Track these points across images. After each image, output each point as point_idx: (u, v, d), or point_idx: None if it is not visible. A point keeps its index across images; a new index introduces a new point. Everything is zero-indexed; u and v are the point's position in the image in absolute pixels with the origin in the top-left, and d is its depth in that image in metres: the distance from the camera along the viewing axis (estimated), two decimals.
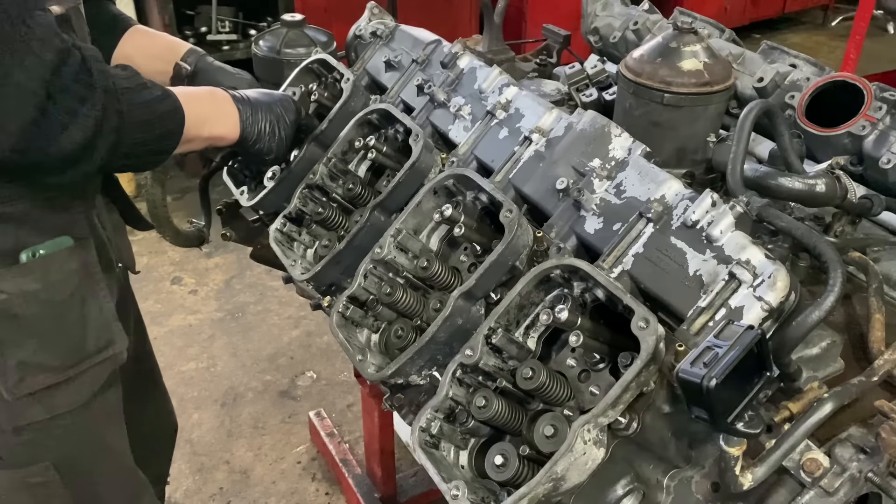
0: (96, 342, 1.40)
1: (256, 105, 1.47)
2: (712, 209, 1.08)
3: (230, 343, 3.63)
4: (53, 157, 1.12)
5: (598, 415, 0.96)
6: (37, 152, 1.10)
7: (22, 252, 1.27)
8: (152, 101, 1.24)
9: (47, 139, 1.10)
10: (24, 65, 1.04)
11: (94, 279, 1.41)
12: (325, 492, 2.89)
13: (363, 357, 1.28)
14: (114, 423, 1.56)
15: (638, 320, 0.97)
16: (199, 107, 1.36)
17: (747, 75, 1.66)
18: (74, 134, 1.11)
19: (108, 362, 1.44)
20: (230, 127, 1.43)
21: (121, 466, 1.61)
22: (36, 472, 1.41)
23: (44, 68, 1.06)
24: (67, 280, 1.34)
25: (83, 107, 1.11)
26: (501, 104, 1.50)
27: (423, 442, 1.08)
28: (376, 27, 1.91)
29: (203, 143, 1.40)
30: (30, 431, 1.37)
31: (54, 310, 1.33)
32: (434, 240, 1.37)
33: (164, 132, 1.28)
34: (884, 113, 1.41)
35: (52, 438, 1.40)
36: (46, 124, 1.08)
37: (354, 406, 3.24)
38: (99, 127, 1.13)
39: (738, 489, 0.95)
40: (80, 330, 1.38)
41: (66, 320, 1.36)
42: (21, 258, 1.27)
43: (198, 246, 2.06)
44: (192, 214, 2.13)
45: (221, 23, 4.68)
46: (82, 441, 1.46)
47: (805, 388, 1.03)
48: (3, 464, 1.39)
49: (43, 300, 1.31)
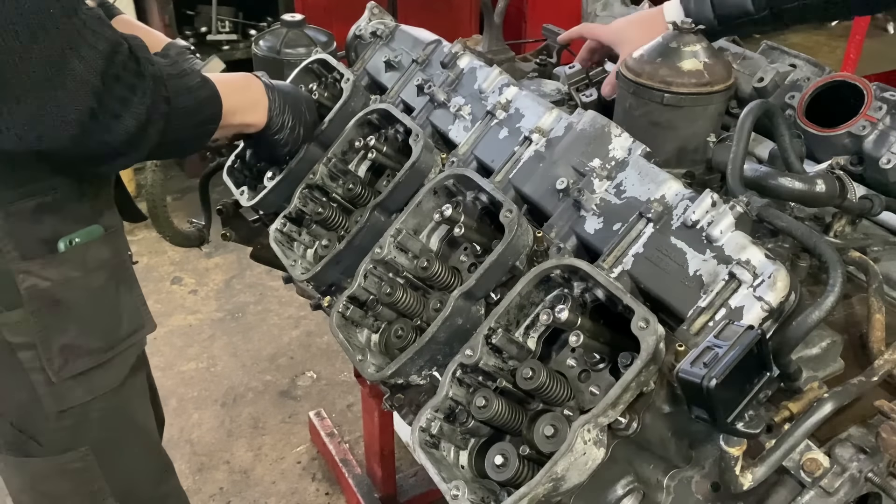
0: (129, 326, 1.49)
1: (285, 96, 1.50)
2: (712, 209, 1.08)
3: (230, 343, 3.63)
4: (109, 145, 1.15)
5: (598, 415, 0.96)
6: (94, 142, 1.13)
7: (59, 241, 1.33)
8: (194, 88, 1.27)
9: (104, 128, 1.13)
10: (80, 55, 1.06)
11: (125, 266, 1.50)
12: (325, 492, 2.89)
13: (363, 357, 1.28)
14: (143, 404, 1.64)
15: (638, 320, 0.97)
16: (233, 94, 1.39)
17: (747, 75, 1.66)
18: (128, 122, 1.14)
19: (137, 345, 1.53)
20: (260, 115, 1.47)
21: (150, 446, 1.69)
22: (74, 457, 1.48)
23: (99, 58, 1.08)
24: (102, 267, 1.41)
25: (134, 95, 1.14)
26: (501, 104, 1.50)
27: (423, 442, 1.08)
28: (376, 27, 1.91)
29: (234, 129, 1.44)
30: (70, 416, 1.43)
31: (93, 295, 1.40)
32: (434, 240, 1.37)
33: (204, 118, 1.31)
34: (884, 113, 1.41)
35: (90, 421, 1.47)
36: (103, 113, 1.11)
37: (354, 406, 3.24)
38: (150, 114, 1.17)
39: (738, 489, 0.95)
40: (116, 314, 1.46)
41: (104, 305, 1.43)
42: (59, 247, 1.33)
43: (198, 246, 2.06)
44: (192, 214, 2.13)
45: (221, 23, 4.69)
46: (117, 423, 1.53)
47: (805, 388, 1.03)
48: (42, 451, 1.45)
49: (82, 286, 1.38)
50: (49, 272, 1.32)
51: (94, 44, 1.07)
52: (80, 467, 1.49)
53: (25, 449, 1.44)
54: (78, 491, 1.53)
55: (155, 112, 1.17)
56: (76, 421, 1.45)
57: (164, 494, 1.74)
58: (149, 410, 1.67)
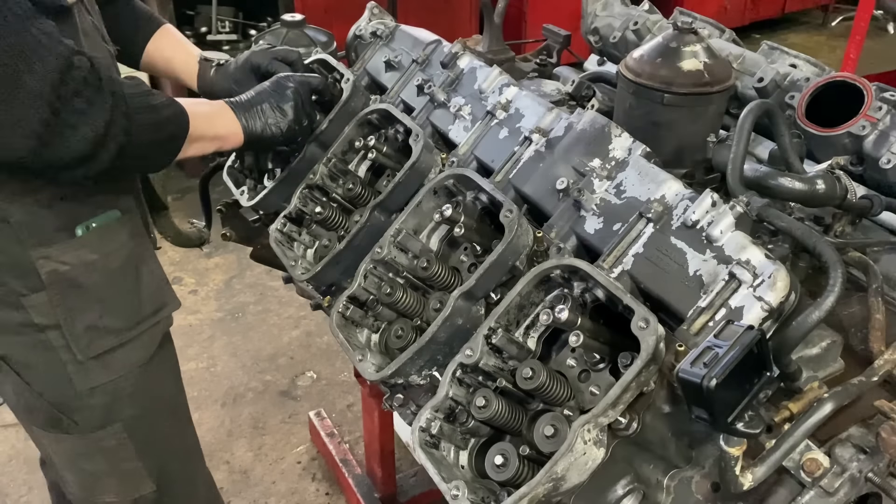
0: (152, 304, 1.54)
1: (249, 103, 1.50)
2: (712, 209, 1.08)
3: (230, 343, 3.63)
4: (66, 156, 1.19)
5: (598, 415, 0.96)
6: (50, 153, 1.17)
7: (77, 227, 1.38)
8: (158, 106, 1.31)
9: (61, 140, 1.16)
10: (32, 70, 1.10)
11: (143, 247, 1.55)
12: (325, 492, 2.89)
13: (363, 357, 1.28)
14: (173, 381, 1.69)
15: (638, 320, 0.97)
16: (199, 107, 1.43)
17: (747, 75, 1.66)
18: (85, 132, 1.18)
19: (162, 323, 1.57)
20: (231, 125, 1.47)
21: (181, 424, 1.75)
22: (108, 434, 1.53)
23: (51, 72, 1.12)
24: (120, 249, 1.46)
25: (92, 107, 1.18)
26: (501, 104, 1.50)
27: (423, 442, 1.08)
28: (376, 27, 1.91)
29: (210, 143, 1.45)
30: (101, 393, 1.49)
31: (112, 277, 1.45)
32: (434, 240, 1.37)
33: (168, 134, 1.35)
34: (884, 113, 1.41)
35: (122, 399, 1.52)
36: (59, 125, 1.15)
37: (354, 406, 3.24)
38: (108, 127, 1.20)
39: (738, 489, 0.95)
40: (137, 294, 1.50)
41: (124, 286, 1.48)
42: (77, 232, 1.38)
43: (198, 246, 2.06)
44: (192, 214, 2.13)
45: (221, 23, 4.68)
46: (147, 400, 1.57)
47: (805, 388, 1.03)
48: (78, 428, 1.50)
49: (101, 268, 1.43)
50: (67, 256, 1.38)
51: (45, 58, 1.11)
52: (114, 445, 1.55)
53: (63, 426, 1.50)
54: (115, 470, 1.58)
55: (113, 127, 1.20)
56: (108, 399, 1.50)
57: (194, 474, 1.80)
58: (179, 388, 1.72)
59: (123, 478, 1.60)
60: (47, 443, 1.60)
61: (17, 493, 2.85)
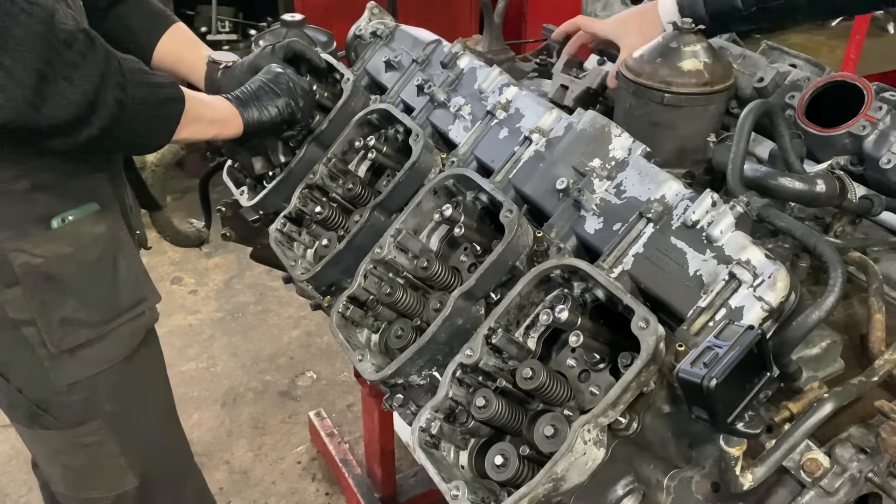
0: (130, 298, 1.52)
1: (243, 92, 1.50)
2: (712, 209, 1.08)
3: (230, 343, 3.63)
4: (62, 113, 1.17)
5: (598, 415, 0.96)
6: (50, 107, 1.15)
7: (53, 219, 1.37)
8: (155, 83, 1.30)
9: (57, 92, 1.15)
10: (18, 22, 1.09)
11: (122, 241, 1.52)
12: (325, 492, 2.89)
13: (363, 357, 1.28)
14: (158, 379, 1.68)
15: (638, 320, 0.97)
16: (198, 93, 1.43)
17: (747, 75, 1.66)
18: (83, 85, 1.16)
19: (143, 317, 1.56)
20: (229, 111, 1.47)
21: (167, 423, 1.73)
22: (89, 430, 1.53)
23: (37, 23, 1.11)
24: (97, 242, 1.44)
25: (86, 61, 1.17)
26: (501, 104, 1.50)
27: (423, 442, 1.08)
28: (376, 27, 1.91)
29: (208, 126, 1.43)
30: (80, 389, 1.48)
31: (88, 270, 1.44)
32: (434, 240, 1.37)
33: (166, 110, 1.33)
34: (884, 113, 1.40)
35: (101, 395, 1.51)
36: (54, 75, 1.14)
37: (354, 406, 3.24)
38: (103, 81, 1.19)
39: (739, 489, 0.95)
40: (114, 287, 1.49)
41: (100, 279, 1.47)
42: (52, 224, 1.37)
43: (198, 246, 2.07)
44: (192, 214, 2.13)
45: (221, 23, 4.68)
46: (128, 397, 1.57)
47: (805, 388, 1.03)
48: (57, 423, 1.50)
49: (76, 261, 1.41)
50: (40, 249, 1.36)
51: (30, 11, 1.10)
52: (95, 441, 1.54)
53: (42, 422, 1.50)
54: (96, 466, 1.58)
55: (108, 86, 1.19)
56: (87, 394, 1.49)
57: (181, 472, 1.79)
58: (165, 387, 1.70)
59: (106, 473, 1.59)
60: (30, 439, 1.60)
61: (17, 493, 2.85)
